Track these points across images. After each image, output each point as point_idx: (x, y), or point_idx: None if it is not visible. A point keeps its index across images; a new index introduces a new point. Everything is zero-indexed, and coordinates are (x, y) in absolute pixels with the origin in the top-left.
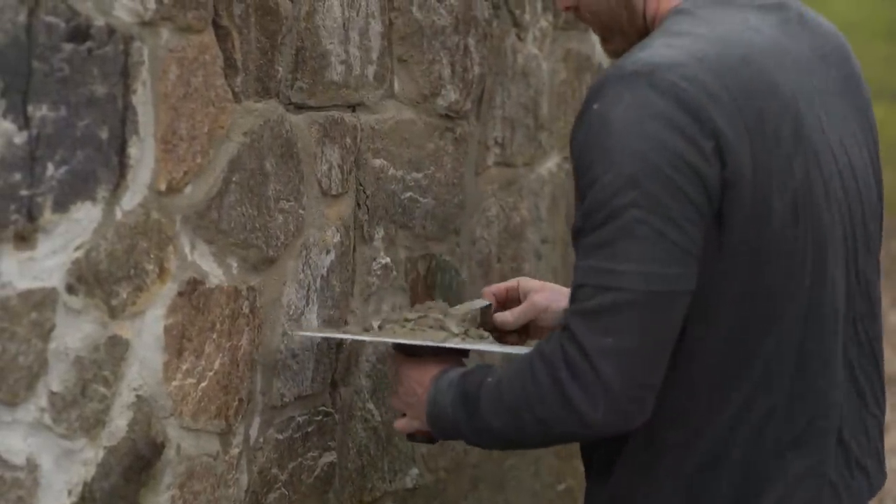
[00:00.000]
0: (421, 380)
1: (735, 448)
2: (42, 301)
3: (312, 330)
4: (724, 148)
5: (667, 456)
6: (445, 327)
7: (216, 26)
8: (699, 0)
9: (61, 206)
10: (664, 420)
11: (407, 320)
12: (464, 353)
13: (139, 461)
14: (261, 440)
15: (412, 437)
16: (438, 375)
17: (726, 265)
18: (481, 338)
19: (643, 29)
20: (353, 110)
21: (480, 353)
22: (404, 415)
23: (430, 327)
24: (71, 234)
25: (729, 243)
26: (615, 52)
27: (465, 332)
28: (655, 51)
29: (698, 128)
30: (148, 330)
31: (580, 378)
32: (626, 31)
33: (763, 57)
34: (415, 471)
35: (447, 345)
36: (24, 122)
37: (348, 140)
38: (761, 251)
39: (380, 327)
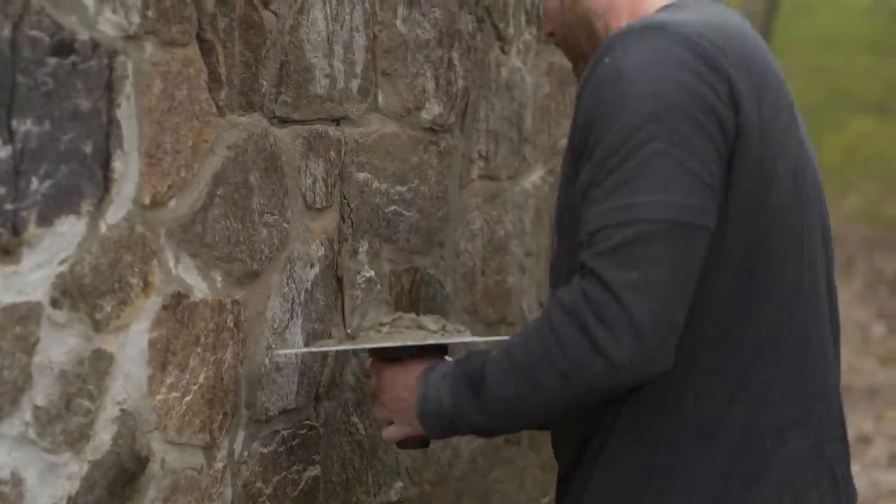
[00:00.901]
0: (407, 382)
1: (732, 424)
2: (26, 315)
3: (292, 347)
4: (736, 95)
5: (660, 428)
6: (423, 326)
7: (200, 40)
8: (687, 1)
9: (46, 220)
10: (663, 388)
11: (382, 324)
12: (445, 349)
13: (123, 475)
14: (245, 454)
15: (403, 444)
16: (425, 373)
17: (732, 219)
18: (459, 332)
19: None
20: (338, 124)
21: (465, 345)
22: (391, 423)
23: (408, 328)
24: (55, 248)
25: (736, 196)
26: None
27: (443, 328)
28: (658, 16)
29: (714, 73)
30: (132, 344)
31: (605, 316)
32: (588, 56)
33: (756, 41)
34: (399, 484)
35: (431, 341)
36: (9, 136)
37: (332, 153)
38: (765, 213)
39: (353, 336)
